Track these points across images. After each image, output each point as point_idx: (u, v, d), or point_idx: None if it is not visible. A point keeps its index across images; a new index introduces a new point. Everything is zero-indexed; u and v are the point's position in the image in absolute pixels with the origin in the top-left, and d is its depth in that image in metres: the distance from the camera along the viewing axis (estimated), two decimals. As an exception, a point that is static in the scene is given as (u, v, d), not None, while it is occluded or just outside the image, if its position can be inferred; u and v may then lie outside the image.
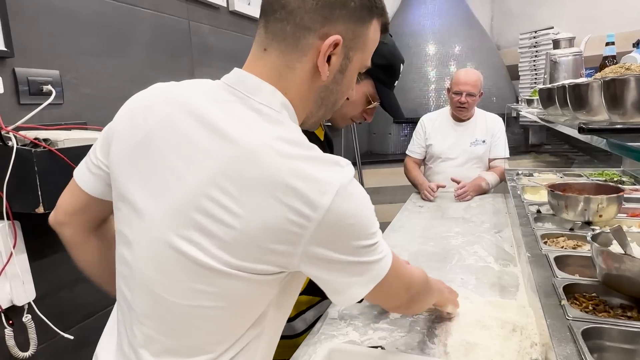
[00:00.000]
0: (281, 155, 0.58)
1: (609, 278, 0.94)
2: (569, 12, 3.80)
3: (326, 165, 0.60)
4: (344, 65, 0.69)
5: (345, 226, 0.59)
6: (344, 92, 0.74)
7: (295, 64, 0.66)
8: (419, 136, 2.60)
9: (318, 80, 0.68)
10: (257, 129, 0.61)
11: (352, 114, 1.20)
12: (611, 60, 1.68)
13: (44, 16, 1.23)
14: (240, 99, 0.64)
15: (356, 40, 0.68)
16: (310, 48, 0.65)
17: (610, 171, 2.27)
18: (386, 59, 1.15)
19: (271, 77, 0.66)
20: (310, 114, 0.73)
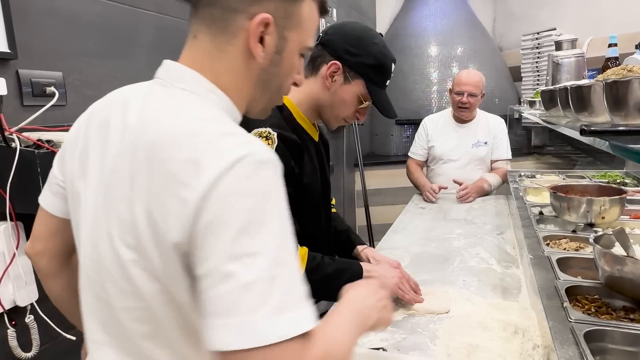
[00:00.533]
0: (184, 130, 0.57)
1: (611, 280, 0.94)
2: (572, 13, 3.79)
3: (231, 137, 0.57)
4: (280, 46, 0.67)
5: (236, 201, 0.54)
6: (286, 75, 0.71)
7: (226, 47, 0.64)
8: (421, 138, 2.60)
9: (254, 62, 0.65)
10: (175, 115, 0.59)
11: (345, 114, 1.20)
12: (614, 62, 1.68)
13: (47, 18, 1.24)
14: (165, 87, 0.64)
15: (289, 18, 0.66)
16: (240, 29, 0.63)
17: (613, 173, 2.26)
18: (377, 58, 1.15)
19: (202, 62, 0.64)
20: (254, 100, 0.70)
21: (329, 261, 1.14)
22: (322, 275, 1.11)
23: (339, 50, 1.14)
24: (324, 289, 1.12)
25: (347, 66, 1.14)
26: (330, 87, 1.15)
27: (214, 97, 0.64)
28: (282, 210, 0.55)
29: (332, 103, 1.17)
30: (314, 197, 1.20)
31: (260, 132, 1.07)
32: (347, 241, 1.42)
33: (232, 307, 0.49)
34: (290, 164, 1.09)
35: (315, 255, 1.13)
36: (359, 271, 1.16)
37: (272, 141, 1.06)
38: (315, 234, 1.23)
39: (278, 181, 0.56)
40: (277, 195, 0.55)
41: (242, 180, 0.52)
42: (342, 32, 1.17)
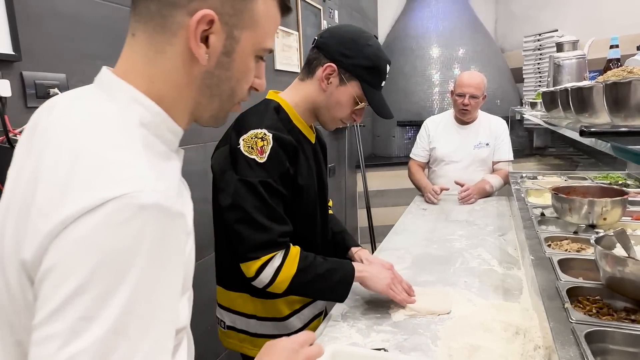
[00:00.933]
0: (78, 144, 0.50)
1: (612, 281, 0.94)
2: (573, 14, 3.79)
3: (117, 174, 0.47)
4: (230, 47, 0.59)
5: (81, 253, 0.45)
6: (239, 79, 0.63)
7: (165, 47, 0.56)
8: (422, 139, 2.60)
9: (197, 65, 0.58)
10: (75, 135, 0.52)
11: (341, 115, 1.21)
12: (615, 63, 1.68)
13: (51, 20, 1.25)
14: (91, 95, 0.58)
15: (239, 16, 0.58)
16: (179, 27, 0.55)
17: (614, 174, 2.26)
18: (371, 60, 1.16)
19: (135, 66, 0.58)
20: (200, 106, 0.62)
21: (321, 261, 1.14)
22: (313, 275, 1.11)
23: (334, 52, 1.15)
24: (315, 288, 1.14)
25: (342, 68, 1.15)
26: (326, 89, 1.17)
27: (139, 109, 0.55)
28: (152, 272, 0.46)
29: (328, 104, 1.19)
30: (309, 199, 1.20)
31: (256, 133, 1.08)
32: (341, 243, 1.43)
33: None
34: (286, 165, 1.10)
35: (307, 255, 1.13)
36: (351, 271, 1.16)
37: (267, 142, 1.07)
38: (310, 236, 1.24)
39: (160, 234, 0.46)
40: (152, 252, 0.45)
41: (105, 226, 0.43)
42: (337, 34, 1.18)
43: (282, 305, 1.21)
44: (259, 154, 1.07)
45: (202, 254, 1.90)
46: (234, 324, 1.24)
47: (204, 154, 1.95)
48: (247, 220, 1.06)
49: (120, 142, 0.51)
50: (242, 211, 1.06)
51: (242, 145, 1.08)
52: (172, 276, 0.49)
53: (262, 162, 1.07)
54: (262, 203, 1.07)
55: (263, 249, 1.06)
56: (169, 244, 0.48)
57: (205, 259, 1.93)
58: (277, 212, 1.09)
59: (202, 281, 1.88)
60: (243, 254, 1.07)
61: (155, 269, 0.46)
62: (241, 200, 1.06)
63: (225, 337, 1.28)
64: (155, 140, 0.56)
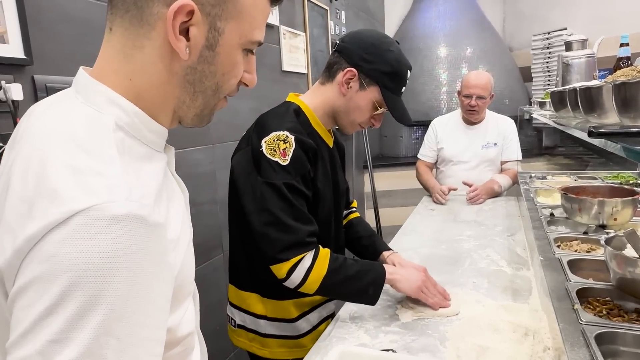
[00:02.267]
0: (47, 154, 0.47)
1: (623, 282, 0.94)
2: (583, 13, 3.75)
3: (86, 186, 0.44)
4: (213, 39, 0.55)
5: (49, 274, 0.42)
6: (225, 74, 0.58)
7: (143, 41, 0.53)
8: (430, 140, 2.59)
9: (177, 60, 0.54)
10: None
11: (360, 120, 1.21)
12: (625, 62, 1.66)
13: (62, 24, 1.26)
14: (67, 99, 0.55)
15: (222, 6, 0.54)
16: (157, 19, 0.52)
17: (625, 174, 2.23)
18: (392, 66, 1.16)
19: (112, 63, 0.54)
20: (183, 104, 0.58)
21: (352, 262, 1.14)
22: (343, 276, 1.11)
23: (355, 57, 1.15)
24: (346, 289, 1.14)
25: (362, 73, 1.16)
26: (346, 94, 1.17)
27: (115, 111, 0.52)
28: (129, 289, 0.43)
29: (348, 109, 1.19)
30: (325, 203, 1.21)
31: (278, 135, 1.08)
32: (372, 246, 1.41)
33: None
34: (307, 167, 1.11)
35: (337, 256, 1.13)
36: (382, 273, 1.16)
37: (289, 145, 1.08)
38: (324, 240, 1.23)
39: (136, 247, 0.43)
40: (127, 267, 0.43)
41: (74, 242, 0.41)
42: (358, 39, 1.18)
43: (291, 307, 1.22)
44: (281, 156, 1.07)
45: (210, 255, 1.91)
46: (244, 322, 1.25)
47: (212, 156, 1.96)
48: (274, 223, 1.06)
49: (91, 148, 0.47)
50: (269, 213, 1.06)
51: (265, 148, 1.08)
52: (153, 291, 0.46)
53: (285, 164, 1.07)
54: (287, 204, 1.07)
55: (292, 250, 1.07)
56: (147, 257, 0.45)
57: (214, 260, 1.94)
58: (303, 213, 1.10)
59: (212, 281, 1.89)
60: (273, 256, 1.07)
61: (133, 285, 0.43)
62: (267, 203, 1.07)
63: (234, 335, 1.29)
64: (134, 142, 0.54)
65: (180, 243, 0.57)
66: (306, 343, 1.22)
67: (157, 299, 0.47)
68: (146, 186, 0.50)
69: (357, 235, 1.45)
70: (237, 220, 1.22)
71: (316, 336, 1.24)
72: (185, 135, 1.79)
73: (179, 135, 1.75)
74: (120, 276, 0.42)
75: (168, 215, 0.54)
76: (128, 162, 0.50)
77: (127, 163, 0.50)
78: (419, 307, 1.19)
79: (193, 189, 1.86)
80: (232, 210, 1.25)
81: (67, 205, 0.42)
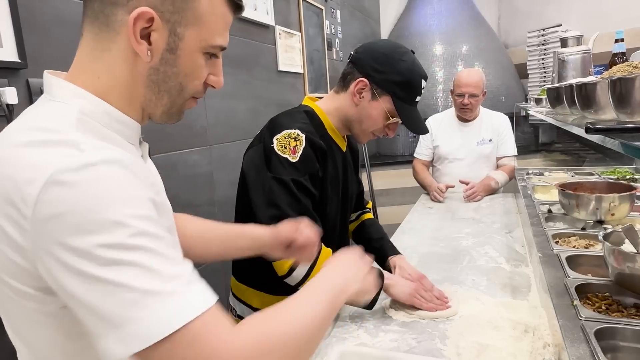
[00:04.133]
0: (8, 145, 0.53)
1: (621, 277, 0.94)
2: (577, 9, 3.76)
3: (51, 148, 0.50)
4: (173, 44, 0.60)
5: (61, 221, 0.47)
6: (188, 75, 0.63)
7: (109, 45, 0.58)
8: (425, 138, 2.60)
9: (140, 62, 0.59)
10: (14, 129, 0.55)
11: (372, 129, 1.22)
12: (621, 57, 1.66)
13: (56, 27, 1.26)
14: (40, 101, 0.61)
15: (181, 13, 0.59)
16: (121, 25, 0.57)
17: (622, 169, 2.24)
18: (403, 75, 1.16)
19: (82, 63, 0.60)
20: (151, 102, 0.63)
21: None
22: None
23: (367, 67, 1.17)
24: None
25: (374, 83, 1.17)
26: (359, 103, 1.19)
27: (79, 101, 0.58)
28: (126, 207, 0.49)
29: (360, 118, 1.21)
30: (332, 204, 1.22)
31: (289, 133, 1.11)
32: (380, 251, 1.40)
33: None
34: (316, 166, 1.13)
35: None
36: (380, 274, 1.14)
37: (300, 142, 1.10)
38: (328, 243, 1.23)
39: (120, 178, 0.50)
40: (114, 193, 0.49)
41: (60, 194, 0.47)
42: (371, 50, 1.20)
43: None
44: (291, 153, 1.09)
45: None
46: (243, 314, 1.29)
47: (209, 157, 1.95)
48: (280, 217, 1.07)
49: (50, 127, 0.53)
50: (276, 208, 1.09)
51: (276, 145, 1.10)
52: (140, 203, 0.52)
53: (294, 161, 1.09)
54: (294, 200, 1.09)
55: None
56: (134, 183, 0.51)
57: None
58: (308, 211, 1.11)
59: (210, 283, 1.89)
60: None
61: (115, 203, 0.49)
62: (275, 198, 1.09)
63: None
64: (99, 127, 0.58)
65: (164, 216, 0.60)
66: None
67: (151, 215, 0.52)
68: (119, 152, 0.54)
69: (368, 236, 1.45)
70: (244, 214, 1.23)
71: None
72: (182, 137, 1.79)
73: (176, 136, 1.74)
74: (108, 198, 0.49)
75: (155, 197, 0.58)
76: (91, 139, 0.54)
77: (90, 139, 0.53)
78: (416, 311, 1.17)
79: (190, 191, 1.87)
80: (239, 204, 1.27)
81: (43, 166, 0.48)
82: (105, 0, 0.57)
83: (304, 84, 2.87)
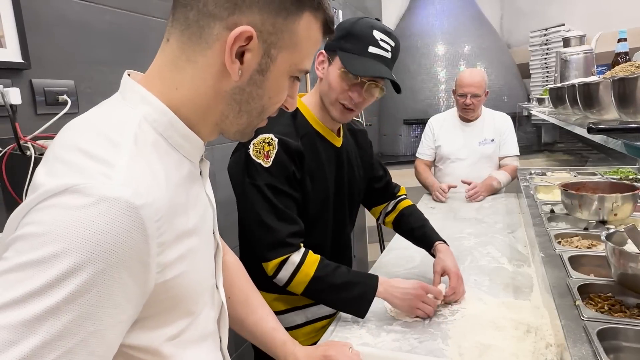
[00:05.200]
0: (62, 140, 0.53)
1: (624, 278, 0.93)
2: (580, 8, 3.75)
3: (66, 168, 0.47)
4: (265, 65, 0.57)
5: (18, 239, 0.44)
6: (270, 97, 0.61)
7: (197, 57, 0.56)
8: (427, 138, 2.60)
9: (227, 79, 0.56)
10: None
11: (334, 96, 1.14)
12: (624, 57, 1.66)
13: (59, 28, 1.26)
14: (113, 98, 0.60)
15: (278, 35, 0.56)
16: (215, 40, 0.54)
17: (625, 169, 2.24)
18: (345, 29, 1.12)
19: (162, 70, 0.58)
20: (227, 120, 0.61)
21: (343, 272, 1.13)
22: (329, 285, 1.11)
23: (326, 42, 1.15)
24: (330, 298, 1.15)
25: (325, 49, 1.16)
26: (323, 77, 1.17)
27: (145, 108, 0.56)
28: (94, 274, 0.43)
29: (325, 90, 1.16)
30: (316, 205, 1.21)
31: (264, 138, 1.11)
32: (424, 239, 1.41)
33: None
34: (291, 169, 1.12)
35: (328, 264, 1.13)
36: (374, 287, 1.12)
37: (272, 147, 1.10)
38: (319, 240, 1.24)
39: (115, 231, 0.44)
40: (100, 247, 0.43)
41: (57, 212, 0.44)
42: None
43: (275, 302, 1.23)
44: (264, 158, 1.10)
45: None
46: None
47: (211, 157, 1.96)
48: (258, 222, 1.10)
49: (110, 136, 0.51)
50: (254, 213, 1.10)
51: (252, 150, 1.11)
52: (113, 282, 0.45)
53: (267, 166, 1.10)
54: (269, 205, 1.10)
55: (275, 250, 1.10)
56: (122, 245, 0.45)
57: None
58: (285, 213, 1.11)
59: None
60: (260, 255, 1.12)
61: (99, 272, 0.43)
62: (252, 204, 1.11)
63: None
64: (160, 139, 0.56)
65: (189, 255, 0.56)
66: (298, 336, 1.23)
67: (116, 294, 0.46)
68: (158, 184, 0.51)
69: (409, 226, 1.46)
70: (240, 221, 1.27)
71: (311, 330, 1.27)
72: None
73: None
74: (87, 255, 0.43)
75: (187, 222, 0.56)
76: (146, 155, 0.52)
77: (144, 155, 0.52)
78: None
79: (193, 191, 1.86)
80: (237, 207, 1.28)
81: (62, 179, 0.45)
82: (204, 11, 0.54)
83: (306, 84, 2.87)
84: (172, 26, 0.58)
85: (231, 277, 0.92)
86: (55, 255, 0.42)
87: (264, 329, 0.94)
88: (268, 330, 0.94)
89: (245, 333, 0.94)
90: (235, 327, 0.93)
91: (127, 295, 0.47)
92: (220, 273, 0.72)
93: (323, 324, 1.29)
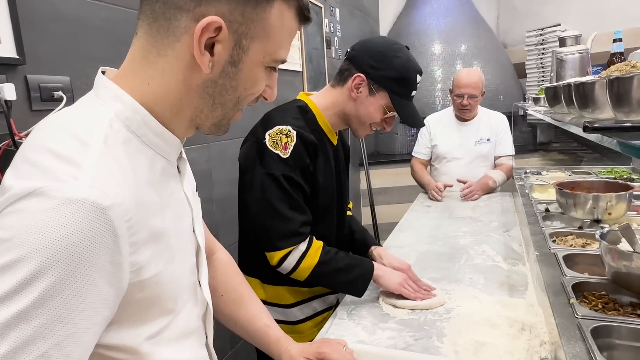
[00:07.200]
0: (33, 141, 0.52)
1: (618, 276, 0.94)
2: (576, 8, 3.76)
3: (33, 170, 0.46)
4: (237, 56, 0.55)
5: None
6: (245, 88, 0.59)
7: (166, 50, 0.54)
8: (424, 137, 2.60)
9: (198, 72, 0.55)
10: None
11: (370, 122, 1.26)
12: (619, 57, 1.67)
13: (55, 23, 1.25)
14: (88, 95, 0.59)
15: (249, 25, 0.54)
16: (183, 32, 0.53)
17: (619, 168, 2.25)
18: (398, 71, 1.20)
19: (133, 66, 0.56)
20: (202, 114, 0.59)
21: (343, 256, 1.21)
22: (334, 268, 1.18)
23: (363, 64, 1.20)
24: (335, 280, 1.21)
25: (371, 79, 1.20)
26: (356, 98, 1.22)
27: (117, 105, 0.54)
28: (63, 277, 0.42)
29: (358, 113, 1.24)
30: (326, 196, 1.26)
31: (281, 129, 1.14)
32: (362, 241, 1.47)
33: None
34: (306, 161, 1.16)
35: (329, 249, 1.20)
36: (370, 268, 1.22)
37: (291, 139, 1.13)
38: (325, 232, 1.28)
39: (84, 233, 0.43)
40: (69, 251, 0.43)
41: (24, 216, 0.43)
42: (367, 47, 1.24)
43: (286, 294, 1.27)
44: (282, 149, 1.13)
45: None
46: None
47: (207, 155, 1.95)
48: (272, 212, 1.13)
49: (79, 136, 0.49)
50: (268, 203, 1.13)
51: (268, 140, 1.14)
52: (86, 284, 0.45)
53: (285, 157, 1.13)
54: (285, 194, 1.13)
55: (287, 239, 1.13)
56: (93, 247, 0.44)
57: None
58: (298, 203, 1.16)
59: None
60: (269, 244, 1.14)
61: (68, 275, 0.43)
62: (266, 193, 1.13)
63: None
64: (133, 137, 0.55)
65: (165, 253, 0.56)
66: (303, 329, 1.28)
67: (88, 295, 0.45)
68: (127, 183, 0.50)
69: (350, 229, 1.51)
70: (243, 208, 1.29)
71: (315, 323, 1.29)
72: (180, 134, 1.78)
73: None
74: (50, 258, 0.42)
75: (162, 220, 0.54)
76: (116, 154, 0.51)
77: (114, 154, 0.51)
78: (401, 301, 1.21)
79: (189, 188, 1.86)
80: (239, 198, 1.31)
81: (28, 182, 0.44)
82: (170, 2, 0.52)
83: (303, 82, 2.87)
84: (140, 19, 0.56)
85: (223, 275, 0.91)
86: (18, 260, 0.42)
87: (258, 325, 0.94)
88: (262, 327, 0.94)
89: (238, 330, 0.94)
90: (229, 324, 0.93)
91: (100, 297, 0.47)
92: (205, 270, 0.71)
93: (324, 316, 1.33)
